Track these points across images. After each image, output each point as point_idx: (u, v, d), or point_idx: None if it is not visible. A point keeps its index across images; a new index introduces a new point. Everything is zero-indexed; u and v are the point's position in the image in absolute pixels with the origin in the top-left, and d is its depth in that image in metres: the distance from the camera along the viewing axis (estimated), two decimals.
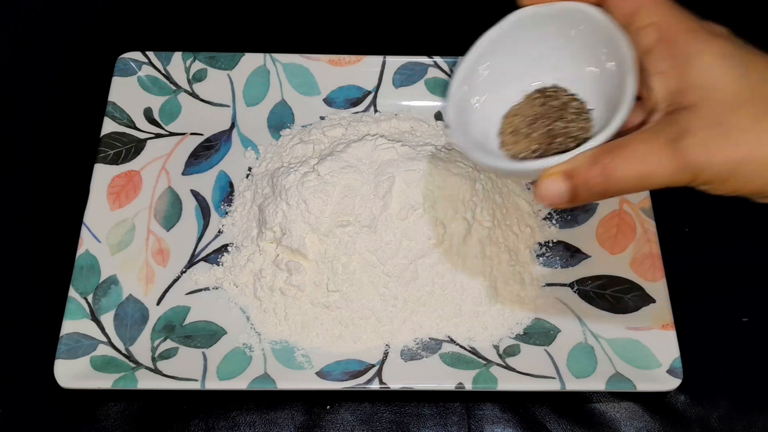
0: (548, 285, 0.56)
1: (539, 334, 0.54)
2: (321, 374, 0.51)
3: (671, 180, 0.36)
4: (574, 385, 0.51)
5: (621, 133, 0.39)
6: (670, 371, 0.51)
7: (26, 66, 0.68)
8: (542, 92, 0.44)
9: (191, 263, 0.56)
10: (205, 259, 0.57)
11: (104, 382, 0.50)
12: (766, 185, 0.36)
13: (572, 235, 0.58)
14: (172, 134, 0.62)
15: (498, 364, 0.52)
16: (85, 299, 0.54)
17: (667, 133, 0.36)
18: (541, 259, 0.57)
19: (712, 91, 0.37)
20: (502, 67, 0.45)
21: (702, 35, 0.38)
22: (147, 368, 0.51)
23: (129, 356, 0.52)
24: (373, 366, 0.52)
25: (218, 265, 0.56)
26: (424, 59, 0.64)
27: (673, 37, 0.38)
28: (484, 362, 0.52)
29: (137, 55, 0.64)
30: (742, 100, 0.36)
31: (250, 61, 0.65)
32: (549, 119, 0.43)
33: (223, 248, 0.57)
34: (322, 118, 0.63)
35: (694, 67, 0.37)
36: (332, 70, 0.64)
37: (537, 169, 0.39)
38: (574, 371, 0.51)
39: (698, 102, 0.36)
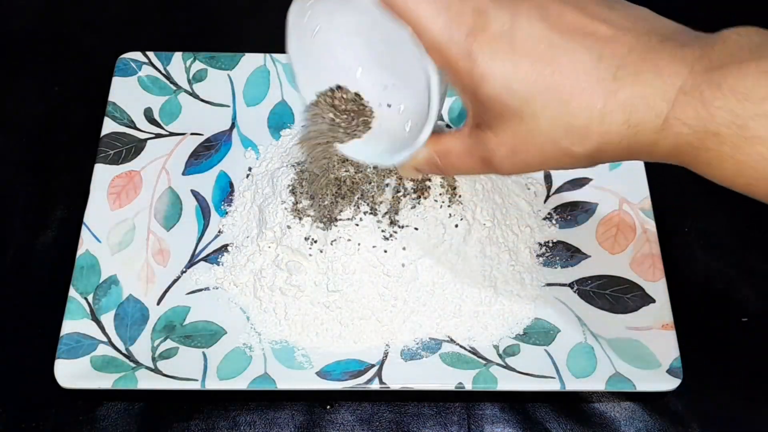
0: (548, 285, 0.56)
1: (539, 334, 0.54)
2: (321, 374, 0.51)
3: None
4: (574, 385, 0.51)
5: None
6: (670, 371, 0.51)
7: (26, 66, 0.68)
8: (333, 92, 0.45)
9: (191, 263, 0.56)
10: (205, 259, 0.57)
11: (104, 382, 0.50)
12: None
13: (572, 235, 0.58)
14: (172, 134, 0.62)
15: (498, 364, 0.52)
16: (86, 299, 0.54)
17: (479, 152, 0.39)
18: (541, 259, 0.57)
19: (504, 119, 0.36)
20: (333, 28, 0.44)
21: (483, 57, 0.36)
22: (147, 368, 0.51)
23: (129, 356, 0.52)
24: (373, 366, 0.52)
25: (218, 265, 0.56)
26: None
27: (452, 64, 0.37)
28: (484, 362, 0.52)
29: (137, 55, 0.64)
30: (534, 125, 0.36)
31: (250, 61, 0.65)
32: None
33: (223, 248, 0.57)
34: None
35: (481, 95, 0.36)
36: None
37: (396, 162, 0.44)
38: (574, 371, 0.51)
39: (494, 127, 0.37)
